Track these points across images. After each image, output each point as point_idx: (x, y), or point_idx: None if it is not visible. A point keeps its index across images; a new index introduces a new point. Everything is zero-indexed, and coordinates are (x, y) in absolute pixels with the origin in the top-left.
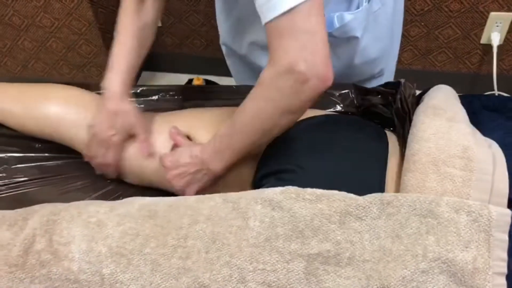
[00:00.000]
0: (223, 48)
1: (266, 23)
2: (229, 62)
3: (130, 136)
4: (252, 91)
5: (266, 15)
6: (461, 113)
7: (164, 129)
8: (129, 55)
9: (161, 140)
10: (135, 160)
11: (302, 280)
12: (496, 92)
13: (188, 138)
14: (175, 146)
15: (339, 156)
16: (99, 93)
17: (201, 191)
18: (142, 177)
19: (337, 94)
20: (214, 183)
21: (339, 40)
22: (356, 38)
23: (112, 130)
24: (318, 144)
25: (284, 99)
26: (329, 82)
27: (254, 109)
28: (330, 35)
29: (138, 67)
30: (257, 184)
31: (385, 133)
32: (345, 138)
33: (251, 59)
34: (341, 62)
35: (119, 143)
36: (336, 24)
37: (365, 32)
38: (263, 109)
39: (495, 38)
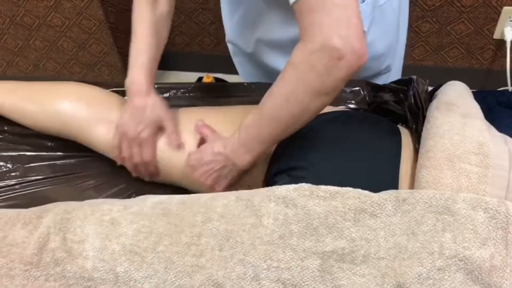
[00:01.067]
0: (230, 46)
1: (294, 3)
2: (235, 60)
3: (160, 129)
4: (281, 74)
5: None
6: (476, 109)
7: (190, 125)
8: (149, 48)
9: (188, 136)
10: (165, 154)
11: (316, 278)
12: (510, 88)
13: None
14: (201, 141)
15: (352, 153)
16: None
17: (230, 187)
18: (172, 174)
19: (349, 91)
20: (242, 177)
21: None
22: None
23: (141, 126)
24: (331, 141)
25: (318, 78)
26: (365, 58)
27: (285, 92)
28: None
29: (158, 60)
30: (269, 181)
31: (399, 129)
32: (358, 134)
33: (258, 57)
34: None
35: (150, 138)
36: None
37: (371, 26)
38: (294, 91)
39: (508, 33)
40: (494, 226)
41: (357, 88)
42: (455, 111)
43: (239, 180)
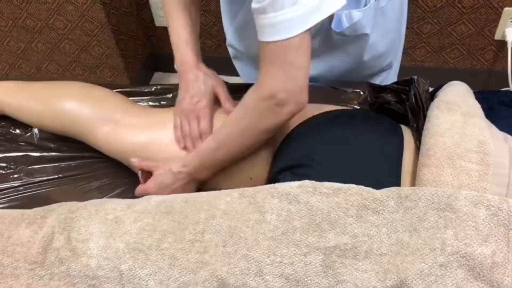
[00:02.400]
0: (230, 50)
1: (261, 41)
2: (237, 64)
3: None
4: (236, 112)
5: (263, 36)
6: (476, 108)
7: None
8: (188, 28)
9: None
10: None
11: (319, 273)
12: None
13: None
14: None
15: (355, 150)
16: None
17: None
18: None
19: (350, 91)
20: (244, 168)
21: (349, 38)
22: (366, 35)
23: (196, 97)
24: (333, 138)
25: (265, 120)
26: (304, 106)
27: (238, 128)
28: (341, 34)
29: (198, 34)
30: (272, 178)
31: (400, 128)
32: (362, 133)
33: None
34: (351, 58)
35: (207, 107)
36: (345, 23)
37: (374, 28)
38: (245, 128)
39: (510, 33)
40: (496, 223)
41: (358, 90)
42: (456, 110)
43: (242, 171)
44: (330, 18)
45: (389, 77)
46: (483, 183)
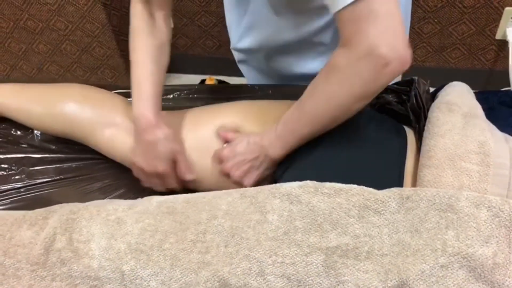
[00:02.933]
0: (235, 54)
1: (338, 11)
2: (243, 68)
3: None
4: (322, 76)
5: (338, 3)
6: (477, 109)
7: (211, 123)
8: (153, 79)
9: (209, 134)
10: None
11: (321, 273)
12: None
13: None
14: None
15: (358, 150)
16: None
17: (258, 182)
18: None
19: None
20: (271, 171)
21: None
22: None
23: (155, 161)
24: (337, 138)
25: (363, 84)
26: (408, 65)
27: (326, 94)
28: None
29: (162, 86)
30: (275, 176)
31: (404, 129)
32: (365, 132)
33: (267, 61)
34: None
35: (169, 171)
36: None
37: None
38: (337, 94)
39: (511, 33)
40: (497, 224)
41: None
42: (456, 111)
43: (270, 175)
44: None
45: None
46: (483, 184)
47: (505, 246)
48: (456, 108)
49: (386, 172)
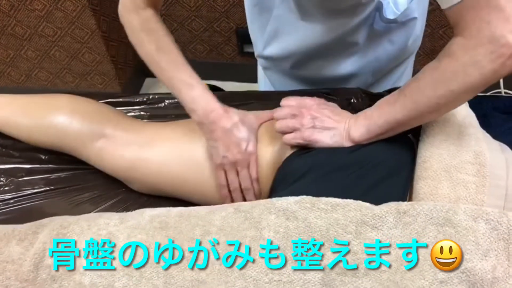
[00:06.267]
0: (260, 61)
1: (455, 5)
2: (269, 74)
3: None
4: (434, 62)
5: None
6: (471, 118)
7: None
8: (193, 72)
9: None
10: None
11: None
12: (503, 91)
13: None
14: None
15: (362, 163)
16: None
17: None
18: None
19: (345, 99)
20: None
21: (395, 26)
22: (415, 19)
23: (244, 142)
24: (340, 149)
25: (479, 74)
26: None
27: (436, 80)
28: (393, 21)
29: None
30: (273, 185)
31: (410, 138)
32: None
33: (297, 68)
34: (395, 46)
35: (255, 152)
36: (396, 10)
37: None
38: (448, 81)
39: None
40: (496, 237)
41: (351, 97)
42: (451, 120)
43: None
44: (378, 7)
45: (409, 65)
46: (480, 195)
47: (504, 259)
48: (451, 118)
49: (392, 185)
